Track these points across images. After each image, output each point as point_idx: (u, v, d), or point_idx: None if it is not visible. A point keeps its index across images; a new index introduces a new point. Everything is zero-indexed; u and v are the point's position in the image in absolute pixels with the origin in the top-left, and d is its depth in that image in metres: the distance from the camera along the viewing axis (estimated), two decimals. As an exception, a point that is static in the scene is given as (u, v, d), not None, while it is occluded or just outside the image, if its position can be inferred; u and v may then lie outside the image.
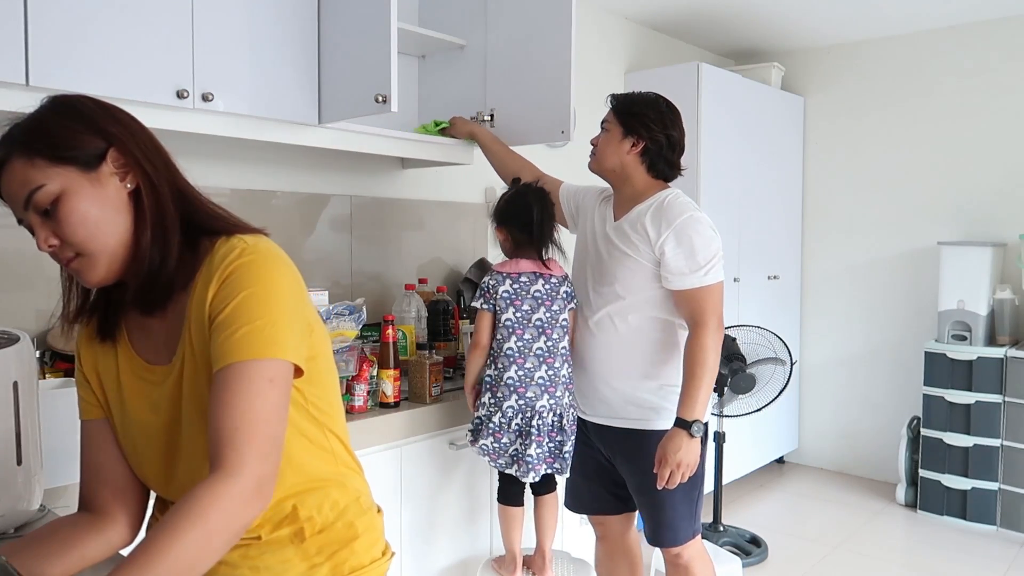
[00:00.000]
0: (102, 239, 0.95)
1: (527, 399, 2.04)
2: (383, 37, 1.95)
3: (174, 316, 1.01)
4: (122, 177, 0.97)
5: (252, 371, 0.90)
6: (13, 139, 0.94)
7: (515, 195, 2.15)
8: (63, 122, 0.95)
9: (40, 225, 0.94)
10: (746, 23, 3.90)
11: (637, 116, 2.00)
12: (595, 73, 3.63)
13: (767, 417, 3.78)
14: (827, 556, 3.32)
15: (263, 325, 0.92)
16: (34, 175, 0.92)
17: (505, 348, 2.04)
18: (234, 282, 0.93)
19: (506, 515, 2.17)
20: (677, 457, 1.88)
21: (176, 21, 1.79)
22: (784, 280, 4.33)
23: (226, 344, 0.91)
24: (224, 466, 0.86)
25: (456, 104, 2.63)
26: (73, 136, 0.94)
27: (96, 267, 0.96)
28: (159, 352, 1.03)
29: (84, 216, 0.94)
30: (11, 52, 1.53)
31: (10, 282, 1.90)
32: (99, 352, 1.09)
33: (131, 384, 1.05)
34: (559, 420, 2.10)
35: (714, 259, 1.92)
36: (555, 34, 2.39)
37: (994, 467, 3.54)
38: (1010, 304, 3.65)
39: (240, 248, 0.96)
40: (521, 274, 2.08)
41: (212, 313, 0.94)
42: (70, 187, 0.93)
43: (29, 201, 0.93)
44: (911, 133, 4.10)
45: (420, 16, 2.72)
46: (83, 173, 0.94)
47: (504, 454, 2.07)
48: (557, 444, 2.08)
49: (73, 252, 0.95)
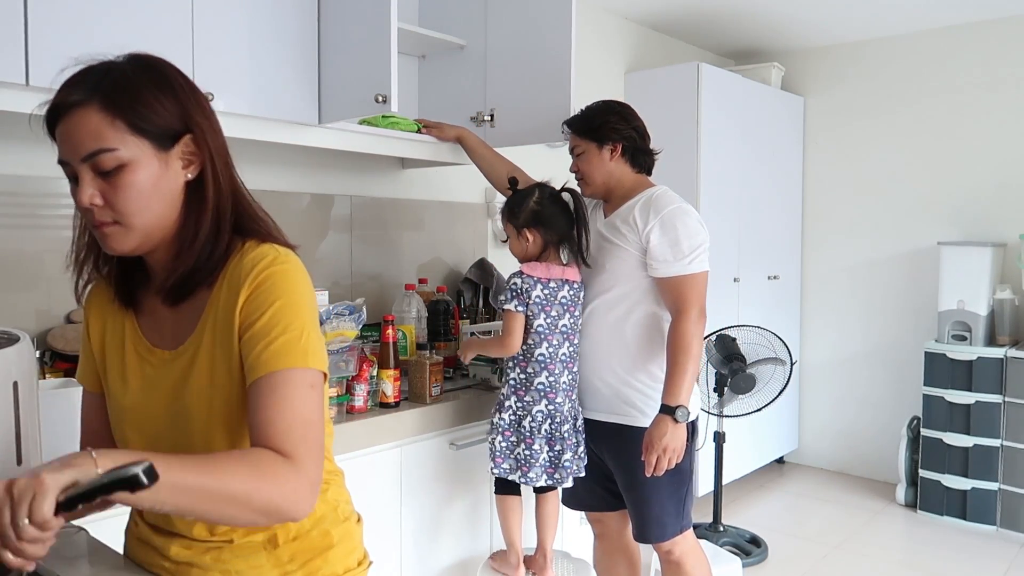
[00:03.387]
0: (148, 217, 0.93)
1: (556, 404, 2.05)
2: (383, 37, 1.95)
3: (187, 306, 1.00)
4: (186, 165, 0.96)
5: (296, 378, 0.92)
6: (96, 88, 0.90)
7: (552, 197, 2.11)
8: (155, 93, 0.93)
9: (90, 181, 0.91)
10: (746, 23, 3.90)
11: (601, 125, 2.10)
12: (595, 73, 3.62)
13: (767, 417, 3.78)
14: (827, 556, 3.32)
15: (298, 335, 0.93)
16: (110, 135, 0.89)
17: (536, 354, 2.05)
18: (268, 290, 0.94)
19: (504, 505, 2.16)
20: (663, 442, 1.91)
21: (176, 21, 1.79)
22: (784, 280, 4.33)
23: (266, 352, 0.92)
24: (291, 455, 0.87)
25: (456, 104, 2.63)
26: (161, 111, 0.92)
27: (128, 240, 0.94)
28: (163, 336, 1.02)
29: (141, 191, 0.92)
30: (11, 52, 1.53)
31: (10, 282, 1.90)
32: (110, 316, 1.07)
33: (131, 358, 1.04)
34: (574, 422, 2.11)
35: (699, 249, 1.97)
36: (555, 34, 2.39)
37: (994, 467, 3.53)
38: (1010, 304, 3.65)
39: (272, 256, 0.97)
40: (550, 280, 2.07)
41: (246, 319, 0.94)
42: (140, 159, 0.91)
43: (93, 157, 0.89)
44: (911, 133, 4.10)
45: (420, 16, 2.72)
46: (155, 150, 0.92)
47: (509, 456, 2.07)
48: (556, 453, 2.09)
49: (112, 219, 0.92)
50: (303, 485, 0.87)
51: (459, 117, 2.61)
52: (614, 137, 2.08)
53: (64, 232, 1.97)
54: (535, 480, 2.06)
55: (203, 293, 0.99)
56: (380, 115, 2.24)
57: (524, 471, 2.05)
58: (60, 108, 0.91)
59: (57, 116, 0.91)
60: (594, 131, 2.10)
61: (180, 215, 0.97)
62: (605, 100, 2.18)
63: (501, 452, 2.08)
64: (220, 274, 0.98)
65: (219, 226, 0.98)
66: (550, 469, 2.08)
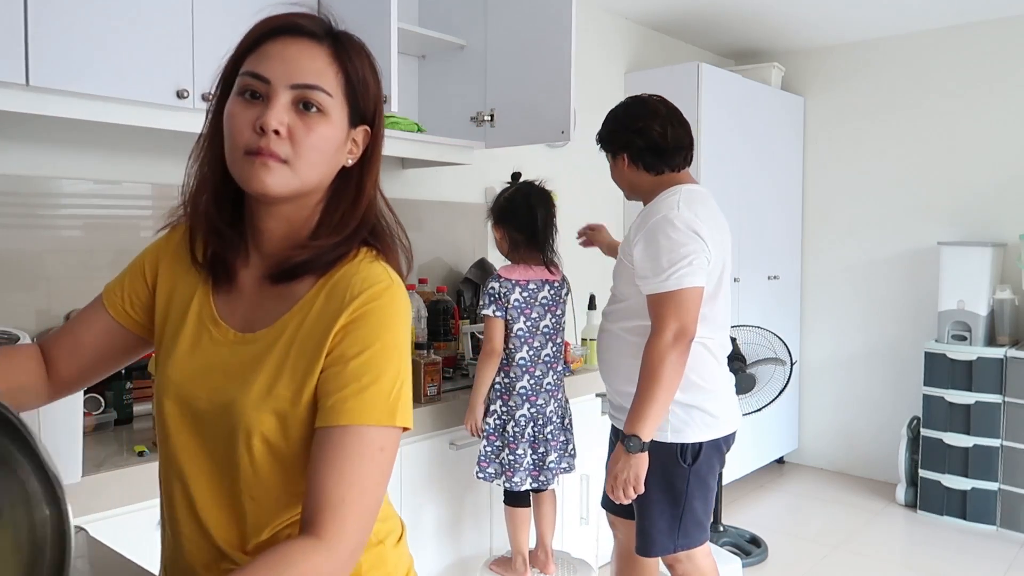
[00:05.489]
0: (315, 173, 0.89)
1: (538, 406, 2.05)
2: (383, 37, 1.95)
3: (277, 292, 0.93)
4: (350, 151, 0.94)
5: (369, 438, 0.85)
6: (332, 34, 0.91)
7: (515, 193, 2.13)
8: (371, 72, 0.94)
9: (285, 108, 0.86)
10: (746, 23, 3.90)
11: (607, 136, 2.05)
12: (595, 73, 3.62)
13: (767, 417, 3.78)
14: (827, 556, 3.32)
15: (389, 388, 0.87)
16: (329, 81, 0.88)
17: (517, 358, 2.05)
18: (373, 326, 0.87)
19: (514, 516, 2.17)
20: (614, 470, 1.84)
21: (176, 21, 1.79)
22: (784, 280, 4.33)
23: (350, 401, 0.85)
24: (324, 536, 0.81)
25: (456, 104, 2.63)
26: (369, 91, 0.93)
27: (287, 183, 0.87)
28: (236, 315, 0.94)
29: (326, 145, 0.89)
30: (11, 52, 1.53)
31: (10, 282, 1.90)
32: (184, 276, 0.98)
33: (191, 328, 0.95)
34: (561, 421, 2.10)
35: (680, 263, 1.80)
36: (555, 34, 2.39)
37: (994, 467, 3.53)
38: (1010, 304, 3.65)
39: (385, 284, 0.90)
40: (529, 281, 2.07)
41: (339, 349, 0.87)
42: (336, 119, 0.89)
43: (307, 88, 0.87)
44: (911, 133, 4.10)
45: (420, 16, 2.72)
46: (347, 119, 0.91)
47: (495, 461, 2.07)
48: (540, 456, 2.09)
49: (285, 154, 0.86)
50: (338, 563, 0.82)
51: (459, 117, 2.61)
52: (617, 146, 2.02)
53: (64, 232, 1.98)
54: (520, 485, 2.06)
55: (300, 286, 0.92)
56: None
57: (509, 475, 2.05)
58: (291, 29, 0.89)
59: (281, 32, 0.89)
60: (605, 142, 2.07)
61: (327, 196, 0.94)
62: (620, 102, 2.08)
63: (486, 456, 2.08)
64: (330, 272, 0.92)
65: (362, 223, 0.94)
66: (535, 472, 2.08)
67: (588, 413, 2.66)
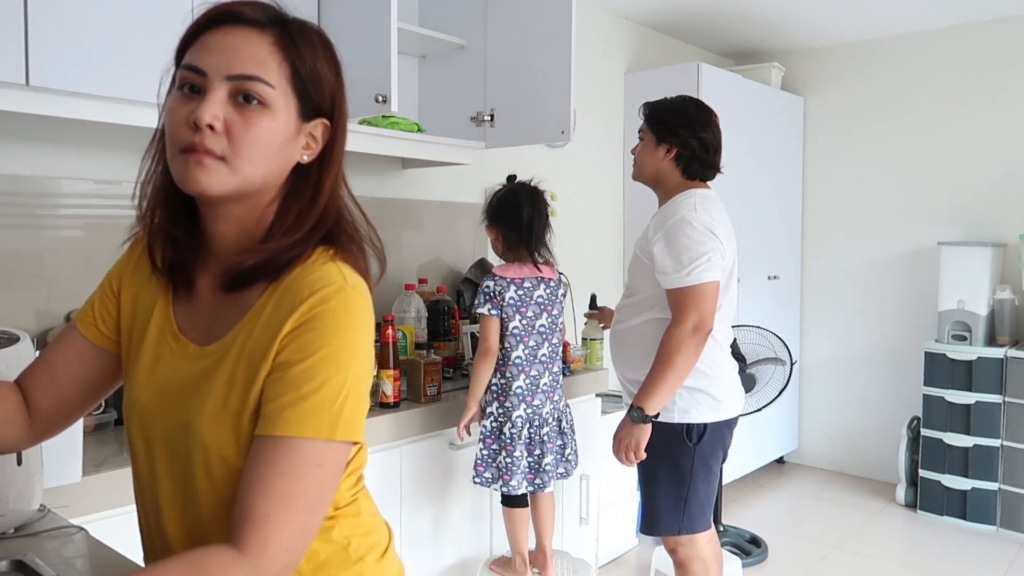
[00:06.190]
0: (258, 171, 0.84)
1: (534, 407, 2.05)
2: (383, 37, 1.95)
3: (233, 300, 0.88)
4: (306, 147, 0.89)
5: (304, 453, 0.78)
6: (279, 21, 0.85)
7: (507, 193, 2.14)
8: (326, 63, 0.88)
9: (220, 102, 0.81)
10: (746, 23, 3.90)
11: (666, 123, 2.07)
12: (595, 73, 3.62)
13: (767, 417, 3.78)
14: (827, 556, 3.32)
15: (332, 398, 0.80)
16: (272, 71, 0.83)
17: (513, 357, 2.05)
18: (317, 332, 0.80)
19: (512, 517, 2.17)
20: (619, 435, 2.00)
21: (177, 22, 1.78)
22: (784, 280, 4.33)
23: (287, 411, 0.79)
24: (245, 551, 0.75)
25: (456, 104, 2.63)
26: (324, 83, 0.88)
27: (225, 182, 0.82)
28: (196, 328, 0.90)
29: (270, 141, 0.83)
30: (11, 52, 1.53)
31: (10, 282, 1.90)
32: (145, 287, 0.95)
33: (151, 342, 0.92)
34: (558, 424, 2.10)
35: (699, 260, 1.93)
36: (555, 34, 2.39)
37: (994, 467, 3.53)
38: (1010, 304, 3.65)
39: (338, 284, 0.83)
40: (524, 279, 2.08)
41: (283, 356, 0.81)
42: (281, 112, 0.84)
43: (244, 80, 0.81)
44: (911, 133, 4.10)
45: (420, 16, 2.72)
46: (297, 113, 0.86)
47: (491, 465, 2.07)
48: (536, 458, 2.09)
49: (221, 152, 0.81)
50: None
51: (459, 117, 2.61)
52: (672, 140, 2.06)
53: (64, 232, 1.98)
54: (516, 488, 2.06)
55: (253, 293, 0.86)
56: (380, 115, 2.23)
57: (506, 479, 2.06)
58: (232, 17, 0.84)
59: (221, 21, 0.84)
60: (657, 125, 2.09)
61: (280, 195, 0.89)
62: (687, 98, 2.12)
63: (483, 460, 2.08)
64: (282, 277, 0.86)
65: (319, 223, 0.89)
66: (531, 475, 2.08)
67: (588, 413, 2.67)
